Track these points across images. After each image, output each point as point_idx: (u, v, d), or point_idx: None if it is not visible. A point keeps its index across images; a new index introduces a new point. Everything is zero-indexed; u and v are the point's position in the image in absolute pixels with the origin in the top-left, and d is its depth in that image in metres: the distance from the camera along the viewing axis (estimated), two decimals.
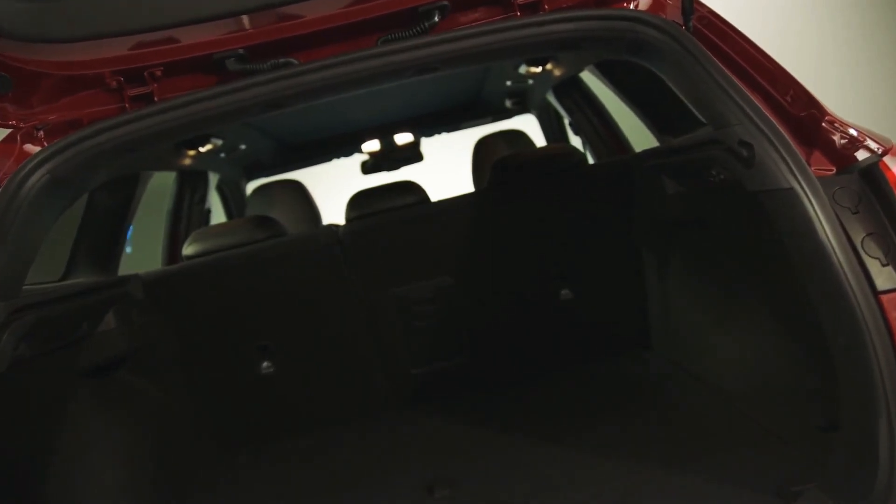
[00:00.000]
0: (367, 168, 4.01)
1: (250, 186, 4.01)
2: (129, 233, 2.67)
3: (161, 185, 3.44)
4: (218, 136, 3.06)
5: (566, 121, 3.78)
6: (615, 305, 2.64)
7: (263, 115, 1.98)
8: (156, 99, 1.74)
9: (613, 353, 2.63)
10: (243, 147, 3.52)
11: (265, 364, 2.50)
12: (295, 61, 1.71)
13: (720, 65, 1.60)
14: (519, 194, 2.53)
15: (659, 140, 2.62)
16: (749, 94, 1.54)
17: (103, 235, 2.50)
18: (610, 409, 2.25)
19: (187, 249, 2.46)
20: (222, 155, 3.46)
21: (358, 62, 1.66)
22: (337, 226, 2.65)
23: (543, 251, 2.58)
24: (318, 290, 2.48)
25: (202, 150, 3.06)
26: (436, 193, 2.74)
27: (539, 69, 3.12)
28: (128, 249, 2.68)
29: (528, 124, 4.06)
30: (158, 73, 1.74)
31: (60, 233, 2.47)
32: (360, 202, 2.56)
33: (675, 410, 2.15)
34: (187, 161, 3.11)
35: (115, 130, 1.67)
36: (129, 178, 2.58)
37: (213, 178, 3.64)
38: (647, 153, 2.42)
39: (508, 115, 4.16)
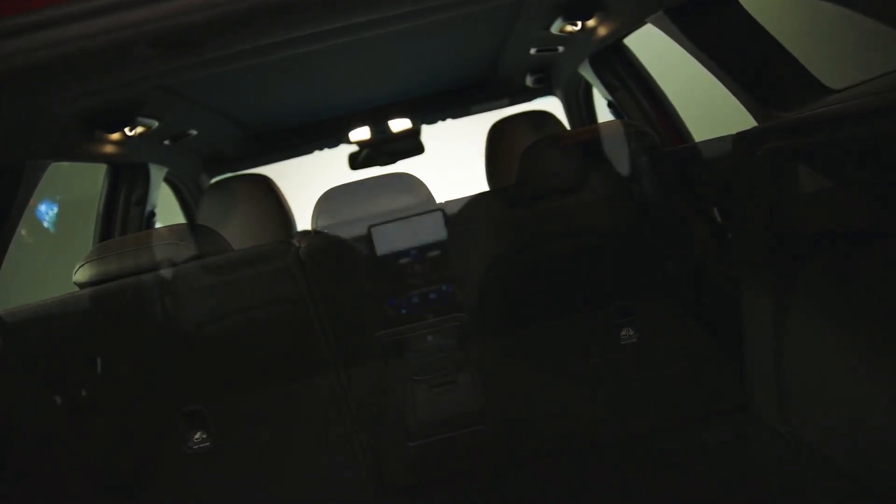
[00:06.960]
0: (357, 162, 3.33)
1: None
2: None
3: None
4: (148, 115, 2.29)
5: (604, 103, 3.04)
6: (698, 350, 1.87)
7: (174, 69, 1.27)
8: None
9: (696, 419, 1.87)
10: (194, 132, 2.76)
11: (197, 436, 1.76)
12: None
13: None
14: (561, 192, 1.77)
15: (757, 117, 1.84)
16: None
17: None
18: None
19: (78, 274, 1.70)
20: (166, 142, 2.71)
21: None
22: (305, 233, 1.91)
23: (596, 274, 1.84)
24: (270, 332, 1.73)
25: (130, 133, 2.29)
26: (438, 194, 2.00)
27: (578, 26, 2.35)
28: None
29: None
30: None
31: None
32: (332, 204, 1.80)
33: None
34: (110, 148, 2.33)
35: None
36: (6, 172, 1.80)
37: (159, 173, 2.87)
38: (765, 130, 1.65)
39: (528, 96, 3.51)
